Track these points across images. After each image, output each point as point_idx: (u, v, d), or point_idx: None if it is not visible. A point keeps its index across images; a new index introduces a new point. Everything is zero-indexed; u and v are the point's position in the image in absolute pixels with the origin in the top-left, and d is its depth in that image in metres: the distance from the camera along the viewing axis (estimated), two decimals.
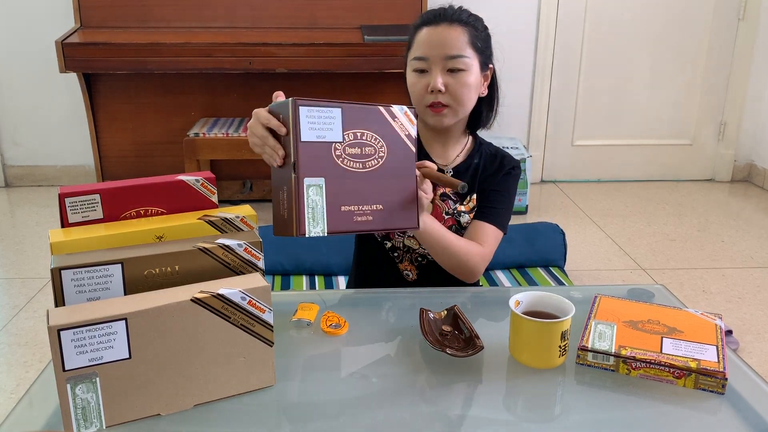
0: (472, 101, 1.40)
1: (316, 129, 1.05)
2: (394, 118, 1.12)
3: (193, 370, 0.91)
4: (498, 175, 1.46)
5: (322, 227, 1.03)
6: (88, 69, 3.10)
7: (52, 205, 3.40)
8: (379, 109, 1.11)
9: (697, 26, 3.67)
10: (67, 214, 1.05)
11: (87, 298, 0.91)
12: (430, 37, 1.36)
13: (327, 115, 1.05)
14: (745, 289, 2.60)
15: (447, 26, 1.36)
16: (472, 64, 1.37)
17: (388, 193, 1.11)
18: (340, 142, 1.06)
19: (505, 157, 1.49)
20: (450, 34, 1.35)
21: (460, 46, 1.35)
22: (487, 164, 1.48)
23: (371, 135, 1.11)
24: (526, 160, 3.32)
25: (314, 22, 3.29)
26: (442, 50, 1.34)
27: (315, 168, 1.04)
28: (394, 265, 1.49)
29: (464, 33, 1.36)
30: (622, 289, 1.30)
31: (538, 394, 0.99)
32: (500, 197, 1.45)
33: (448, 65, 1.35)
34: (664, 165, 3.92)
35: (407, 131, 1.14)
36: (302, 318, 1.15)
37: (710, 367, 0.98)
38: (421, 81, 1.37)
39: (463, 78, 1.35)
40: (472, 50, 1.37)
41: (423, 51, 1.36)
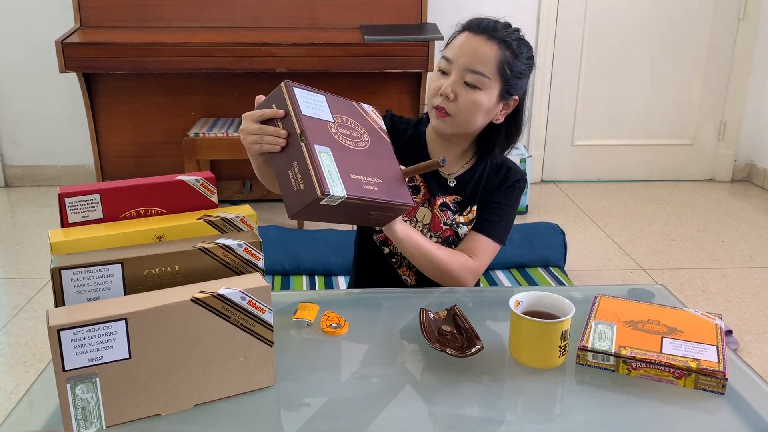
0: (477, 122, 1.36)
1: (311, 107, 1.11)
2: (366, 113, 1.22)
3: (193, 370, 0.91)
4: (501, 187, 1.44)
5: (341, 188, 1.05)
6: (88, 69, 3.10)
7: (52, 205, 3.40)
8: (353, 104, 1.21)
9: (697, 26, 3.66)
10: (67, 214, 1.05)
11: (87, 298, 0.91)
12: (464, 43, 1.34)
13: (316, 98, 1.14)
14: (745, 289, 2.60)
15: (484, 40, 1.33)
16: (490, 86, 1.33)
17: (380, 170, 1.16)
18: (332, 122, 1.13)
19: (510, 170, 1.46)
20: (481, 49, 1.32)
21: (485, 64, 1.32)
22: (492, 175, 1.45)
23: (353, 122, 1.18)
24: (526, 160, 3.32)
25: (314, 22, 3.29)
26: (466, 60, 1.32)
27: (320, 137, 1.08)
28: (393, 269, 1.49)
29: (497, 53, 1.32)
30: (622, 289, 1.30)
31: (538, 394, 0.99)
32: (501, 210, 1.43)
33: (466, 77, 1.32)
34: (664, 165, 3.92)
35: (379, 125, 1.24)
36: (302, 318, 1.15)
37: (710, 367, 0.98)
38: (438, 81, 1.36)
39: (476, 95, 1.32)
40: (496, 73, 1.33)
41: (451, 53, 1.35)
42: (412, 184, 1.46)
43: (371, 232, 1.49)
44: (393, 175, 1.18)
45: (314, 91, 1.14)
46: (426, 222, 1.45)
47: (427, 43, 3.04)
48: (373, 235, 1.48)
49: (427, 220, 1.45)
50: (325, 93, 1.16)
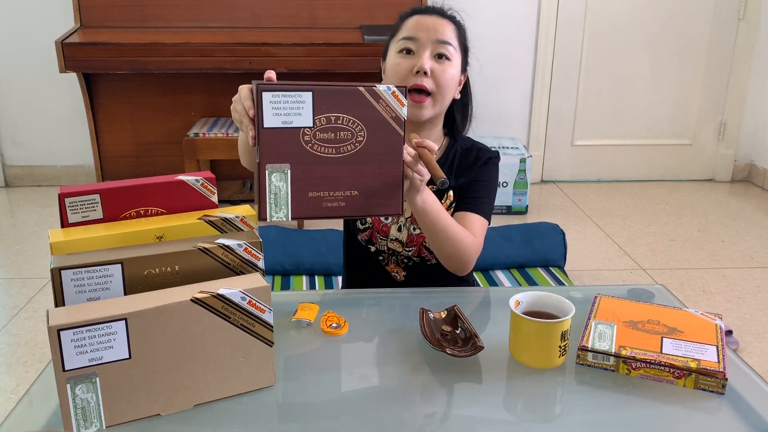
0: (451, 95, 1.39)
1: (282, 114, 1.01)
2: (378, 99, 1.04)
3: (193, 370, 0.91)
4: (474, 167, 1.45)
5: (285, 213, 1.02)
6: (88, 69, 3.10)
7: (52, 205, 3.40)
8: (359, 91, 1.03)
9: (697, 26, 3.66)
10: (67, 214, 1.05)
11: (87, 298, 0.91)
12: (422, 21, 1.36)
13: (295, 99, 1.01)
14: (745, 289, 2.60)
15: (438, 17, 1.38)
16: (456, 57, 1.37)
17: (366, 178, 1.07)
18: (309, 127, 1.02)
19: (480, 150, 1.47)
20: (441, 23, 1.37)
21: (450, 35, 1.36)
22: (462, 159, 1.46)
23: (348, 119, 1.04)
24: (526, 160, 3.32)
25: (314, 22, 3.29)
26: (433, 34, 1.34)
27: (278, 154, 1.01)
28: (382, 267, 1.49)
29: (454, 27, 1.38)
30: (622, 289, 1.30)
31: (538, 394, 0.99)
32: (481, 186, 1.43)
33: (437, 49, 1.34)
34: (664, 165, 3.92)
35: (394, 113, 1.06)
36: (302, 318, 1.15)
37: (710, 367, 0.98)
38: (407, 61, 1.34)
39: (447, 67, 1.35)
40: (458, 44, 1.38)
41: (412, 32, 1.35)
42: None
43: (356, 233, 1.49)
44: (383, 182, 1.08)
45: (299, 88, 1.01)
46: (408, 215, 1.45)
47: None
48: (357, 235, 1.48)
49: (409, 213, 1.44)
50: (317, 87, 1.02)
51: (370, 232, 1.47)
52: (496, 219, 3.31)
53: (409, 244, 1.45)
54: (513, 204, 3.37)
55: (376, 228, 1.46)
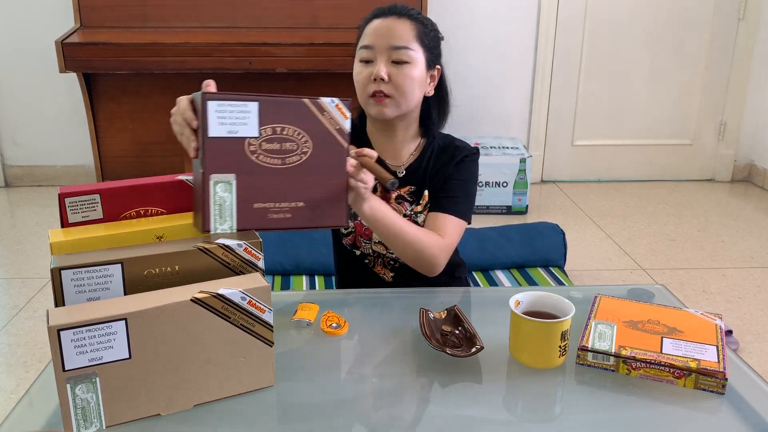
0: (414, 95, 1.38)
1: (227, 124, 1.00)
2: (323, 111, 1.05)
3: (193, 370, 0.91)
4: (450, 165, 1.43)
5: (230, 224, 1.01)
6: (88, 69, 3.10)
7: (52, 205, 3.40)
8: (304, 103, 1.04)
9: (697, 26, 3.66)
10: (67, 214, 1.05)
11: (87, 298, 0.91)
12: (378, 27, 1.36)
13: (241, 109, 1.00)
14: (745, 289, 2.60)
15: (395, 19, 1.36)
16: (417, 57, 1.36)
17: (311, 189, 1.07)
18: (255, 137, 1.02)
19: (457, 147, 1.46)
20: (397, 26, 1.35)
21: (406, 37, 1.35)
22: (438, 158, 1.45)
23: (293, 130, 1.05)
24: (526, 160, 3.32)
25: (314, 21, 3.29)
26: (387, 40, 1.34)
27: (224, 164, 1.00)
28: (369, 269, 1.49)
29: (412, 27, 1.36)
30: (622, 289, 1.30)
31: (538, 394, 0.99)
32: (455, 185, 1.42)
33: (393, 56, 1.34)
34: (664, 165, 3.92)
35: (338, 125, 1.07)
36: (302, 318, 1.15)
37: (710, 367, 0.98)
38: (365, 70, 1.37)
39: (407, 70, 1.34)
40: (419, 44, 1.36)
41: (369, 40, 1.36)
42: None
43: (341, 237, 1.49)
44: (328, 194, 1.08)
45: (245, 98, 1.00)
46: None
47: None
48: (342, 240, 1.49)
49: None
50: (263, 97, 1.01)
51: (353, 237, 1.47)
52: (496, 219, 3.31)
53: None
54: (513, 204, 3.37)
55: (359, 232, 1.46)
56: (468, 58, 3.60)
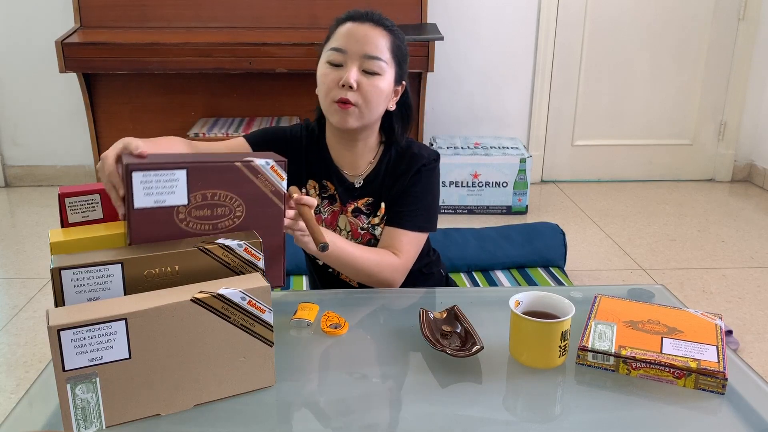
0: (380, 108, 1.34)
1: (154, 194, 0.97)
2: (257, 174, 1.02)
3: (193, 370, 0.91)
4: (406, 176, 1.39)
5: None
6: (88, 69, 3.10)
7: (52, 205, 3.40)
8: (236, 167, 1.00)
9: (697, 26, 3.66)
10: (67, 214, 1.05)
11: (87, 298, 0.91)
12: (353, 31, 1.30)
13: (168, 178, 0.97)
14: (745, 289, 2.60)
15: (371, 26, 1.31)
16: (387, 70, 1.32)
17: None
18: (184, 205, 0.99)
19: (414, 155, 1.41)
20: (373, 34, 1.30)
21: (380, 48, 1.30)
22: (394, 167, 1.41)
23: (225, 194, 1.01)
24: (526, 160, 3.32)
25: (314, 21, 3.29)
26: (362, 47, 1.29)
27: (150, 234, 0.98)
28: (335, 277, 1.49)
29: (387, 38, 1.32)
30: (622, 289, 1.30)
31: (538, 394, 0.99)
32: (413, 198, 1.39)
33: (365, 65, 1.29)
34: (664, 165, 3.92)
35: (273, 187, 1.05)
36: (302, 318, 1.15)
37: (710, 367, 0.98)
38: (334, 73, 1.30)
39: (377, 81, 1.30)
40: (391, 57, 1.32)
41: (342, 43, 1.30)
42: (326, 194, 1.43)
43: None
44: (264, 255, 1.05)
45: (173, 166, 0.96)
46: (348, 230, 1.43)
47: (427, 43, 3.04)
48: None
49: (348, 227, 1.43)
50: (191, 164, 0.97)
51: None
52: (496, 219, 3.31)
53: None
54: (513, 204, 3.37)
55: None
56: (468, 57, 3.60)
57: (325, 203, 1.44)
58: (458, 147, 3.44)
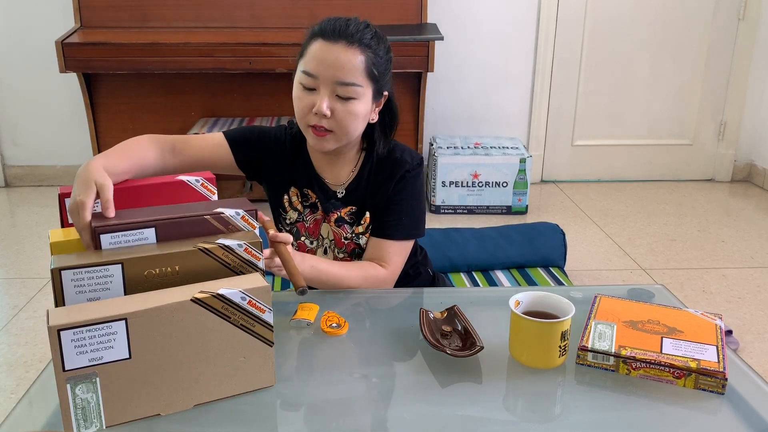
0: (358, 130, 1.30)
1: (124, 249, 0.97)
2: (227, 225, 1.02)
3: (193, 370, 0.91)
4: (389, 183, 1.36)
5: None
6: (88, 69, 3.10)
7: (52, 205, 3.40)
8: (206, 220, 1.01)
9: (697, 26, 3.66)
10: (67, 214, 1.05)
11: (87, 298, 0.91)
12: (324, 54, 1.24)
13: (137, 237, 0.97)
14: (745, 289, 2.60)
15: (345, 47, 1.23)
16: (363, 93, 1.26)
17: None
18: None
19: (396, 161, 1.37)
20: (345, 57, 1.23)
21: (354, 73, 1.24)
22: (376, 174, 1.38)
23: None
24: (526, 160, 3.32)
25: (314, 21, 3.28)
26: (334, 73, 1.23)
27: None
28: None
29: (362, 59, 1.25)
30: (622, 289, 1.30)
31: (538, 394, 0.99)
32: (398, 207, 1.36)
33: (338, 90, 1.24)
34: (664, 165, 3.92)
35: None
36: (302, 318, 1.15)
37: (710, 367, 0.98)
38: (307, 98, 1.26)
39: (352, 106, 1.25)
40: (367, 78, 1.26)
41: (313, 68, 1.24)
42: (308, 202, 1.41)
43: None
44: None
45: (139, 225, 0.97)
46: (331, 238, 1.42)
47: (427, 43, 3.04)
48: None
49: (331, 236, 1.41)
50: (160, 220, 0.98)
51: None
52: (496, 219, 3.31)
53: None
54: (513, 204, 3.37)
55: (302, 251, 1.39)
56: (468, 57, 3.60)
57: (308, 212, 1.42)
58: (458, 147, 3.44)
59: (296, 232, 1.43)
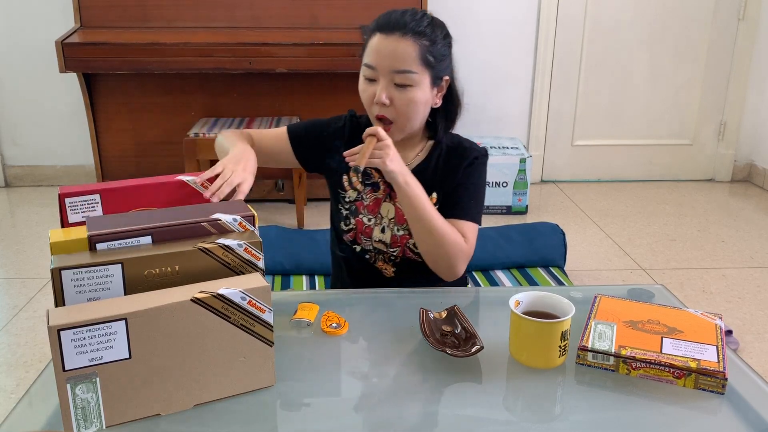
0: (419, 115, 1.37)
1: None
2: (224, 231, 1.02)
3: (193, 370, 0.91)
4: (459, 169, 1.42)
5: None
6: (88, 69, 3.10)
7: (52, 205, 3.40)
8: (202, 226, 1.01)
9: (697, 26, 3.66)
10: (67, 214, 1.06)
11: (87, 298, 0.91)
12: (380, 46, 1.32)
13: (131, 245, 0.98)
14: (745, 289, 2.60)
15: (399, 38, 1.31)
16: (420, 80, 1.33)
17: None
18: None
19: (466, 149, 1.44)
20: (400, 47, 1.31)
21: (408, 61, 1.31)
22: (447, 159, 1.44)
23: None
24: (526, 160, 3.32)
25: (314, 21, 3.29)
26: (389, 63, 1.31)
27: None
28: (370, 265, 1.49)
29: (416, 47, 1.31)
30: (622, 289, 1.30)
31: (538, 394, 0.99)
32: (467, 191, 1.41)
33: (395, 79, 1.32)
34: (664, 165, 3.92)
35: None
36: (302, 318, 1.15)
37: (710, 367, 0.98)
38: (369, 89, 1.35)
39: (410, 93, 1.33)
40: (423, 66, 1.33)
41: (372, 59, 1.33)
42: (370, 181, 1.44)
43: (341, 234, 1.48)
44: None
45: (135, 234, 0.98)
46: (391, 217, 1.44)
47: None
48: (343, 236, 1.48)
49: (392, 214, 1.44)
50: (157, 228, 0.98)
51: (354, 233, 1.47)
52: (496, 219, 3.31)
53: (393, 245, 1.45)
54: (513, 204, 3.37)
55: (359, 229, 1.45)
56: (468, 57, 3.60)
57: (368, 190, 1.45)
58: None
59: (355, 210, 1.46)
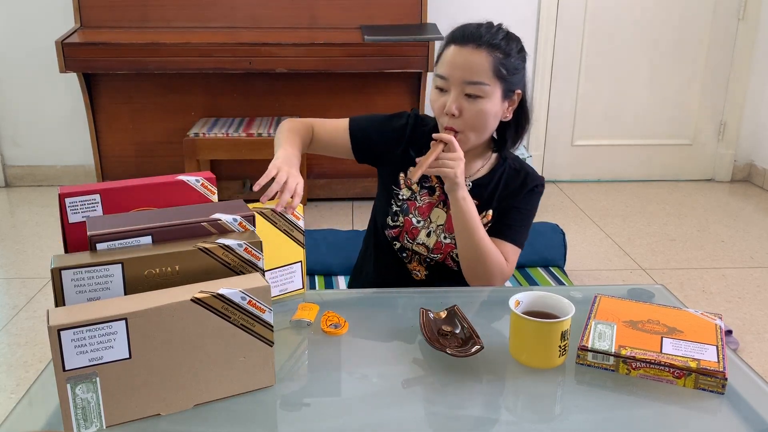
0: (488, 127, 1.38)
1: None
2: (224, 232, 1.02)
3: (193, 370, 0.91)
4: (520, 193, 1.44)
5: None
6: (88, 69, 3.10)
7: (52, 205, 3.40)
8: (203, 226, 1.01)
9: (696, 26, 3.66)
10: (67, 214, 1.05)
11: (87, 298, 0.91)
12: (454, 57, 1.34)
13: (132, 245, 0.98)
14: (745, 289, 2.60)
15: (473, 50, 1.33)
16: (491, 92, 1.33)
17: None
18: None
19: (528, 174, 1.46)
20: (473, 59, 1.32)
21: (481, 72, 1.32)
22: (509, 180, 1.45)
23: None
24: (526, 159, 3.32)
25: (314, 21, 3.29)
26: (461, 74, 1.32)
27: None
28: (403, 265, 1.50)
29: (489, 59, 1.33)
30: (622, 289, 1.30)
31: (538, 394, 0.99)
32: (520, 215, 1.43)
33: (466, 90, 1.33)
34: (664, 165, 3.92)
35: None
36: (302, 318, 1.15)
37: (710, 367, 0.98)
38: (440, 99, 1.36)
39: (480, 105, 1.33)
40: (495, 78, 1.33)
41: (444, 70, 1.35)
42: (427, 184, 1.46)
43: (384, 227, 1.49)
44: None
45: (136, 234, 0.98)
46: (440, 223, 1.45)
47: (427, 43, 3.04)
48: (385, 230, 1.49)
49: (442, 221, 1.45)
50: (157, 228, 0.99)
51: (398, 230, 1.47)
52: None
53: (435, 250, 1.46)
54: None
55: (406, 228, 1.46)
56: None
57: (424, 192, 1.46)
58: None
59: (406, 209, 1.47)
